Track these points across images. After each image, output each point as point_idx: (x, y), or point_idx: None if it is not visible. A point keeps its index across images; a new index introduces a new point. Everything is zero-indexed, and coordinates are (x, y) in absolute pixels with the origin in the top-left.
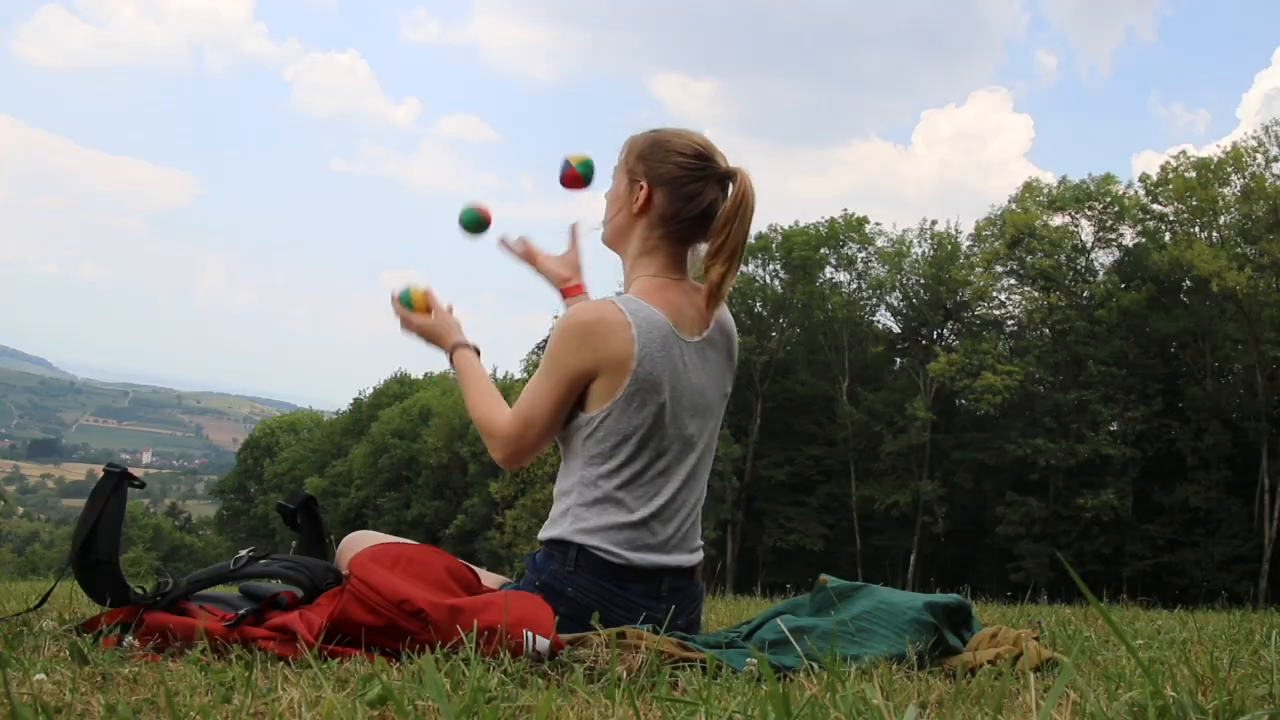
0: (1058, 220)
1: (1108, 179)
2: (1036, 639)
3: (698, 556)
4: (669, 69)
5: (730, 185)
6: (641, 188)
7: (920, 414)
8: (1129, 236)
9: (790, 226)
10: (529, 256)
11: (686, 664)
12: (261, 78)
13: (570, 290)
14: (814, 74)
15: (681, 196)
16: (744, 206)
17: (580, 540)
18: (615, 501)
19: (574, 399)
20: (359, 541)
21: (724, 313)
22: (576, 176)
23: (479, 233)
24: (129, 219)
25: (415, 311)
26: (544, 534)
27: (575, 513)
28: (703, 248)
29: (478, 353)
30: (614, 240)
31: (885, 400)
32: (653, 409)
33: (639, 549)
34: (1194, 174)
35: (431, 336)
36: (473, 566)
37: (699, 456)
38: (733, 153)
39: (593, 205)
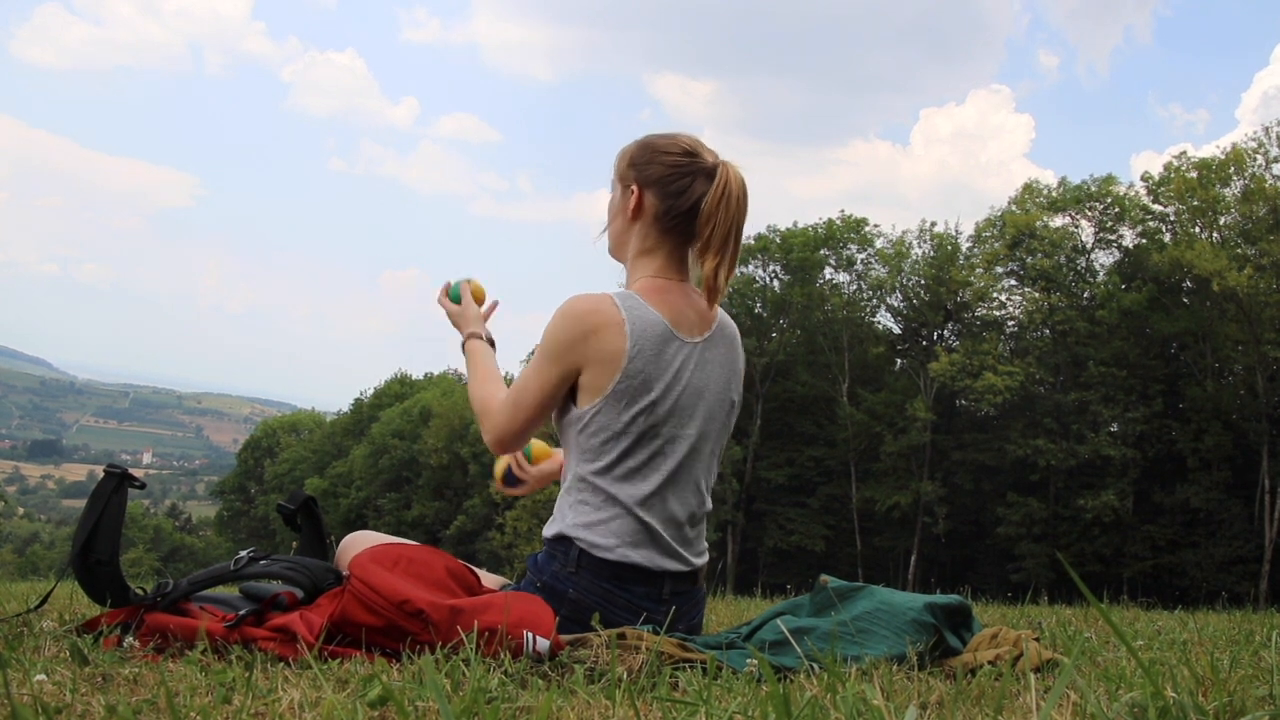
0: (1058, 221)
1: (1109, 179)
2: (1037, 640)
3: (700, 560)
4: (669, 69)
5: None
6: (634, 192)
7: (921, 414)
8: (1129, 237)
9: (789, 227)
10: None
11: (687, 665)
12: (260, 77)
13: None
14: (814, 74)
15: (671, 194)
16: (727, 196)
17: (580, 536)
18: (611, 498)
19: (564, 387)
20: (359, 542)
21: (725, 316)
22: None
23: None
24: (129, 219)
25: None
26: (547, 531)
27: (575, 509)
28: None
29: (492, 344)
30: (615, 248)
31: (886, 401)
32: (643, 406)
33: (638, 547)
34: (1194, 174)
35: (453, 322)
36: (473, 567)
37: (698, 458)
38: (733, 153)
39: (590, 210)
